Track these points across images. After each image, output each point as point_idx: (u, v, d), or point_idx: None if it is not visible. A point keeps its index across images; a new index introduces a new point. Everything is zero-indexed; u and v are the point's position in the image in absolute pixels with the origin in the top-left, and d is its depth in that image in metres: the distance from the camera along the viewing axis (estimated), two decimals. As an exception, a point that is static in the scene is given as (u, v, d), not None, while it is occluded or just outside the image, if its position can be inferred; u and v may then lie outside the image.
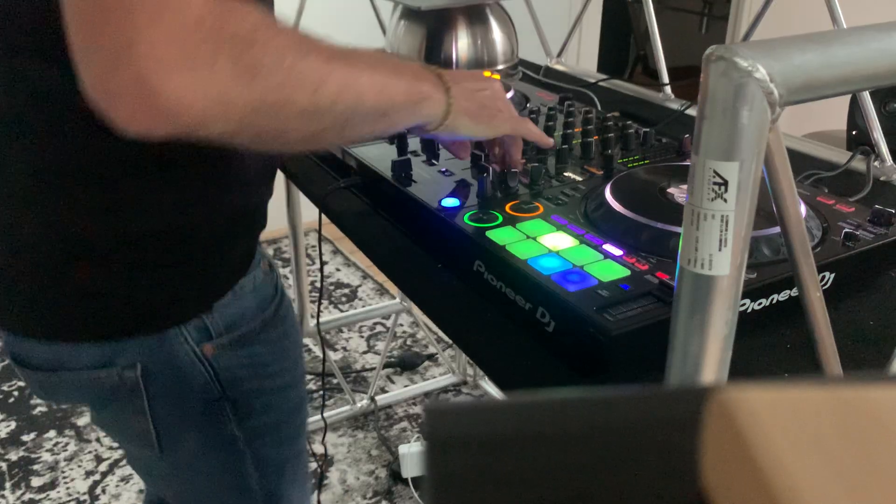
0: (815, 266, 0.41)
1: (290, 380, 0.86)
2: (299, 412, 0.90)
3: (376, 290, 2.62)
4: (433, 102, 0.70)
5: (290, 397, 0.86)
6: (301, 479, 0.94)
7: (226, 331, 0.75)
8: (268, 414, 0.83)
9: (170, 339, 0.72)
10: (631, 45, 4.21)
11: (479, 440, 0.20)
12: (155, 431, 0.77)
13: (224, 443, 0.80)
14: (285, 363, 0.84)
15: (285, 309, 0.83)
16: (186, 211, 0.68)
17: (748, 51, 0.33)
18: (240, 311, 0.76)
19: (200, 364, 0.74)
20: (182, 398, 0.76)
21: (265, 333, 0.79)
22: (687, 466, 0.19)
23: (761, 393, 0.18)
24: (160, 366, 0.73)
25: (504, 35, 1.29)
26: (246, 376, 0.78)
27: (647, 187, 0.77)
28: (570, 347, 0.60)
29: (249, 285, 0.76)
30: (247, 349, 0.77)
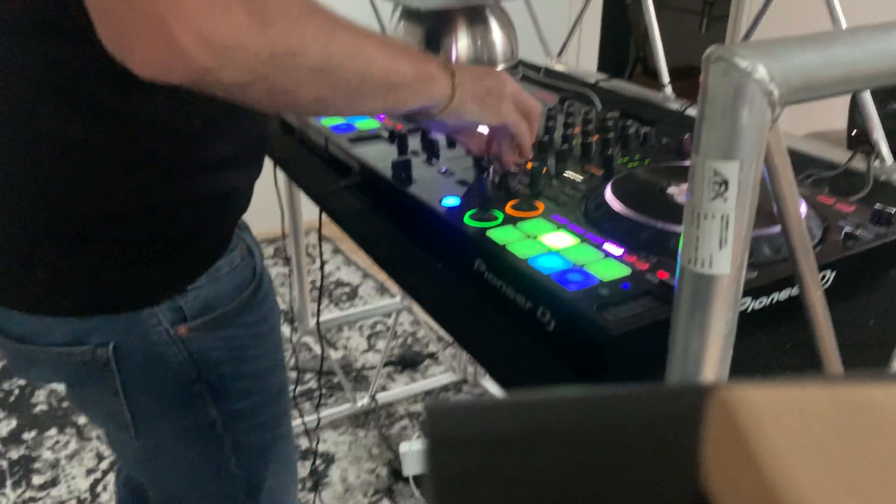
0: (815, 265, 0.41)
1: (269, 364, 0.85)
2: (280, 398, 0.89)
3: (377, 288, 2.63)
4: (440, 84, 0.70)
5: (270, 382, 0.86)
6: (285, 465, 0.94)
7: (200, 313, 0.74)
8: (247, 398, 0.83)
9: (143, 319, 0.72)
10: (631, 45, 4.20)
11: (479, 438, 0.20)
12: (129, 413, 0.77)
13: (202, 426, 0.80)
14: (264, 347, 0.84)
15: (264, 294, 0.83)
16: (161, 191, 0.68)
17: (748, 51, 0.33)
18: (215, 294, 0.75)
19: (174, 345, 0.74)
20: (156, 379, 0.75)
21: (242, 317, 0.79)
22: (688, 465, 0.19)
23: (762, 392, 0.18)
24: (133, 346, 0.73)
25: (504, 35, 1.29)
26: (223, 359, 0.78)
27: (647, 187, 0.77)
28: (571, 346, 0.60)
29: (225, 268, 0.76)
30: (223, 331, 0.77)
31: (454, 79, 0.72)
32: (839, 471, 0.16)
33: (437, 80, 0.70)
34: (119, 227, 0.68)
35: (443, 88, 0.71)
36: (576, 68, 1.54)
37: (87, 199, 0.66)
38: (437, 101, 0.71)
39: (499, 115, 0.77)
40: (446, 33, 1.24)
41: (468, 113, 0.74)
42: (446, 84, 0.71)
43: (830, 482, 0.16)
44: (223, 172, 0.73)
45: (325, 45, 0.58)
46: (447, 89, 0.71)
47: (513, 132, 0.80)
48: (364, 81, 0.62)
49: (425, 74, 0.69)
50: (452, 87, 0.71)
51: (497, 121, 0.78)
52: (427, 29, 1.24)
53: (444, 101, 0.71)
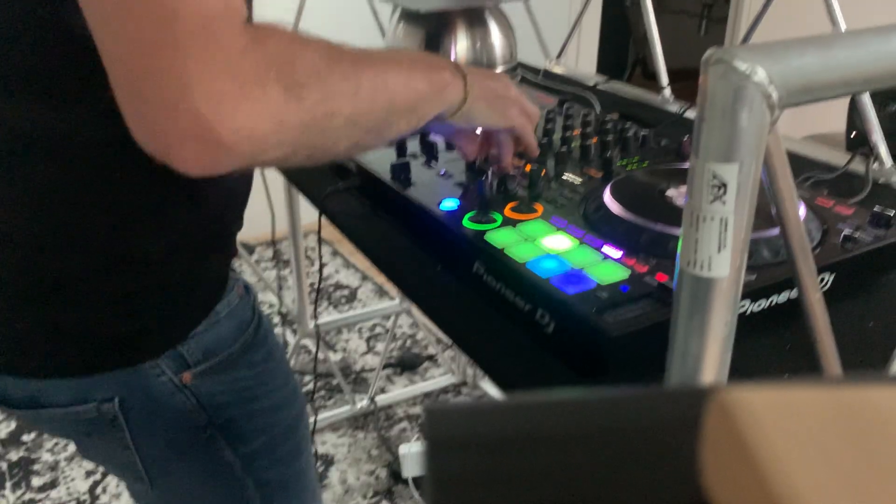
0: (814, 268, 0.41)
1: (281, 400, 0.84)
2: (295, 431, 0.88)
3: (376, 291, 2.62)
4: (454, 88, 0.70)
5: (283, 417, 0.85)
6: (310, 495, 0.92)
7: (203, 358, 0.73)
8: (261, 437, 0.81)
9: (146, 371, 0.70)
10: (630, 47, 4.21)
11: (479, 440, 0.20)
12: (142, 464, 0.75)
13: (220, 470, 0.79)
14: (272, 384, 0.83)
15: (265, 330, 0.82)
16: (156, 240, 0.67)
17: (747, 53, 0.33)
18: (216, 337, 0.74)
19: (180, 393, 0.73)
20: (166, 428, 0.74)
21: (247, 357, 0.78)
22: (687, 467, 0.19)
23: (761, 393, 0.18)
24: (139, 398, 0.71)
25: (503, 37, 1.29)
26: (231, 401, 0.77)
27: (646, 189, 0.77)
28: (570, 349, 0.60)
29: (224, 310, 0.75)
30: (229, 374, 0.76)
31: (466, 81, 0.72)
32: (838, 472, 0.16)
33: (451, 86, 0.70)
34: (111, 279, 0.66)
35: (456, 93, 0.71)
36: (575, 70, 1.54)
37: (75, 252, 0.64)
38: (451, 106, 0.71)
39: (507, 118, 0.77)
40: (445, 35, 1.24)
41: (478, 115, 0.74)
42: (459, 88, 0.71)
43: (829, 484, 0.16)
44: (222, 216, 0.73)
45: (354, 96, 0.57)
46: (460, 93, 0.71)
47: (519, 133, 0.80)
48: (391, 113, 0.63)
49: (440, 84, 0.69)
50: (465, 90, 0.72)
51: (505, 123, 0.78)
52: (426, 31, 1.24)
53: (458, 104, 0.72)
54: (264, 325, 0.82)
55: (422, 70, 0.67)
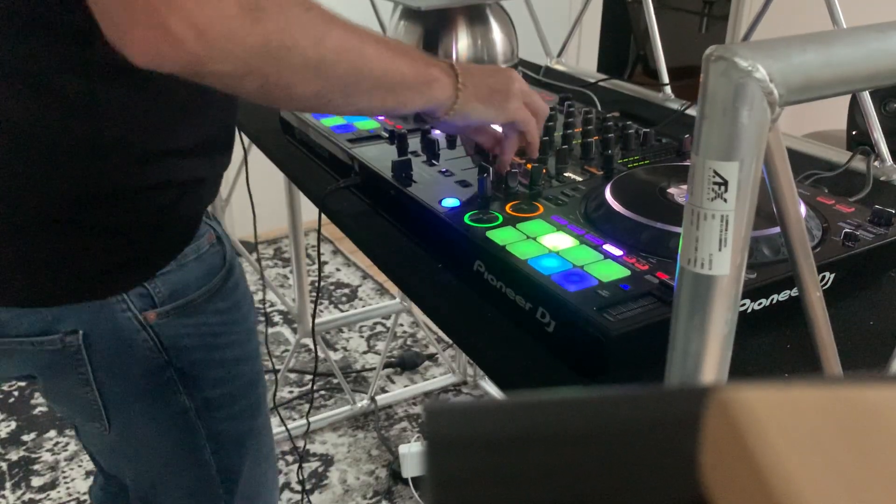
0: (814, 266, 0.41)
1: (242, 353, 0.85)
2: (255, 387, 0.89)
3: (376, 290, 2.62)
4: (442, 85, 0.71)
5: (244, 371, 0.86)
6: (263, 456, 0.94)
7: (169, 298, 0.75)
8: (220, 386, 0.83)
9: (111, 306, 0.72)
10: (631, 45, 4.21)
11: (479, 440, 0.20)
12: (101, 402, 0.77)
13: (174, 414, 0.80)
14: (236, 335, 0.84)
15: (235, 281, 0.83)
16: (126, 178, 0.68)
17: (748, 51, 0.33)
18: (183, 280, 0.76)
19: (144, 331, 0.74)
20: (127, 367, 0.76)
21: (212, 304, 0.79)
22: (687, 466, 0.19)
23: (761, 393, 0.18)
24: (103, 333, 0.73)
25: (504, 35, 1.29)
26: (193, 345, 0.78)
27: (647, 187, 0.77)
28: (571, 347, 0.60)
29: (193, 254, 0.76)
30: (193, 318, 0.78)
31: (458, 80, 0.72)
32: (838, 472, 0.16)
33: (438, 82, 0.70)
34: (84, 213, 0.68)
35: (445, 90, 0.71)
36: (576, 68, 1.54)
37: (51, 187, 0.66)
38: (440, 103, 0.72)
39: (506, 113, 0.77)
40: (446, 33, 1.24)
41: (474, 113, 0.74)
42: (449, 86, 0.71)
43: (829, 483, 0.16)
44: (189, 160, 0.73)
45: (319, 41, 0.59)
46: (450, 91, 0.71)
47: (522, 129, 0.79)
48: (361, 78, 0.63)
49: (426, 76, 0.69)
50: (456, 88, 0.72)
51: (504, 118, 0.77)
52: (427, 28, 1.24)
53: (448, 102, 0.72)
54: (234, 276, 0.83)
55: (409, 58, 0.68)
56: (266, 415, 0.94)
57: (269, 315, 2.45)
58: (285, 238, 2.90)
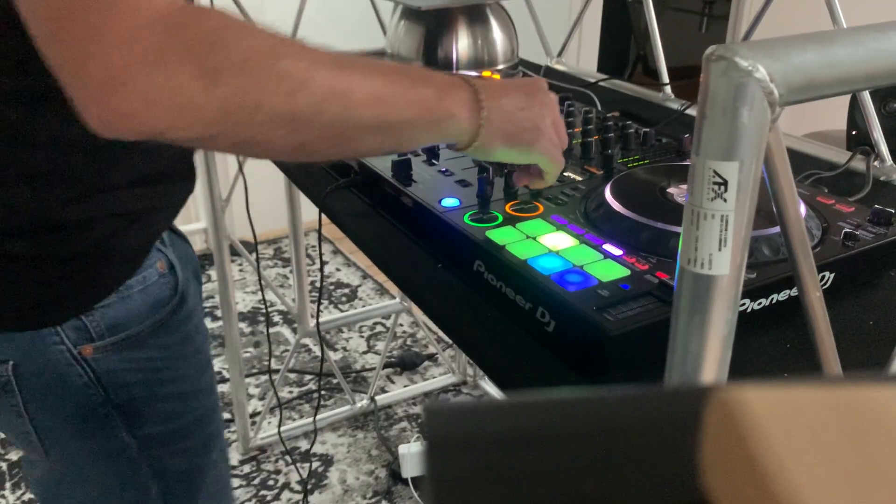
0: (814, 266, 0.41)
1: (192, 388, 0.81)
2: (208, 422, 0.85)
3: (376, 290, 2.62)
4: (458, 122, 0.62)
5: (194, 407, 0.82)
6: (218, 492, 0.90)
7: (108, 332, 0.71)
8: (166, 423, 0.79)
9: (43, 337, 0.69)
10: (631, 44, 4.21)
11: (478, 440, 0.20)
12: (35, 433, 0.73)
13: (114, 451, 0.77)
14: (184, 370, 0.80)
15: (186, 313, 0.78)
16: (66, 209, 0.65)
17: (748, 50, 0.33)
18: (125, 313, 0.72)
19: (79, 366, 0.70)
20: (60, 400, 0.72)
21: (158, 338, 0.75)
22: (687, 466, 0.19)
23: (761, 393, 0.18)
24: (34, 365, 0.69)
25: (504, 35, 1.29)
26: (134, 381, 0.74)
27: (647, 187, 0.77)
28: (570, 347, 0.60)
29: (138, 286, 0.72)
30: (135, 352, 0.73)
31: (480, 116, 0.63)
32: (838, 472, 0.16)
33: (453, 119, 0.62)
34: (18, 244, 0.65)
35: (462, 126, 0.63)
36: (576, 68, 1.54)
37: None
38: (456, 139, 0.64)
39: (531, 156, 0.69)
40: (446, 32, 1.24)
41: (496, 152, 0.66)
42: (467, 121, 0.62)
43: (829, 483, 0.16)
44: (139, 190, 0.69)
45: (292, 93, 0.52)
46: (468, 126, 0.63)
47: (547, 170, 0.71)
48: (348, 125, 0.56)
49: (437, 113, 0.61)
50: (477, 124, 0.63)
51: (528, 161, 0.70)
52: (427, 28, 1.24)
53: (466, 138, 0.64)
54: (187, 307, 0.78)
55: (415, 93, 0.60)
56: (222, 448, 0.90)
57: (269, 315, 2.45)
58: (285, 238, 2.90)
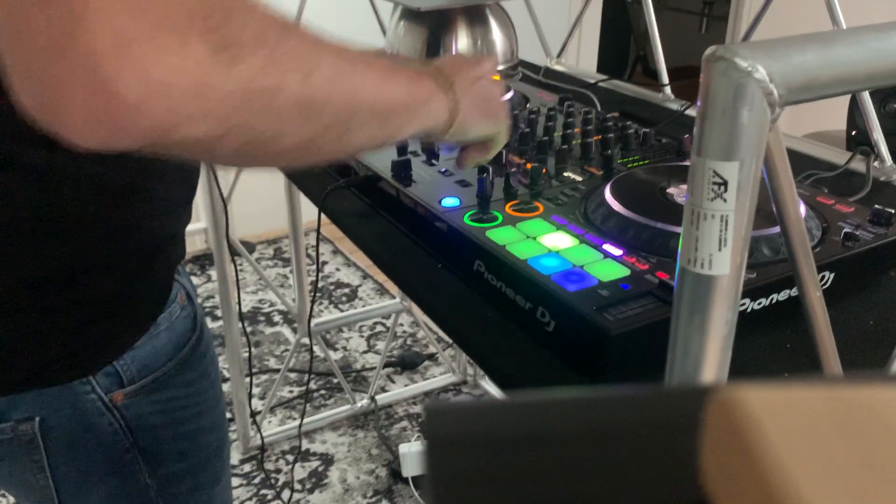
0: (814, 266, 0.41)
1: (209, 422, 0.78)
2: (219, 456, 0.82)
3: (376, 289, 2.62)
4: (440, 101, 0.60)
5: (209, 441, 0.79)
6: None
7: (138, 375, 0.67)
8: (184, 460, 0.76)
9: (74, 388, 0.64)
10: (631, 45, 4.21)
11: (478, 440, 0.20)
12: (55, 487, 0.69)
13: (134, 494, 0.73)
14: (204, 405, 0.77)
15: (205, 345, 0.75)
16: (93, 251, 0.60)
17: (748, 51, 0.33)
18: (153, 352, 0.68)
19: (110, 414, 0.66)
20: (87, 451, 0.68)
21: (182, 375, 0.72)
22: (687, 466, 0.19)
23: (761, 393, 0.18)
24: (62, 418, 0.65)
25: (504, 35, 1.29)
26: (160, 423, 0.71)
27: (647, 187, 0.77)
28: (570, 347, 0.60)
29: (164, 322, 0.68)
30: (162, 393, 0.70)
31: (455, 92, 0.61)
32: (838, 472, 0.16)
33: (434, 98, 0.60)
34: (46, 295, 0.60)
35: (441, 105, 0.60)
36: (576, 68, 1.54)
37: (7, 267, 0.58)
38: (437, 121, 0.61)
39: (497, 125, 0.69)
40: (446, 33, 1.24)
41: (473, 128, 0.65)
42: (446, 101, 0.61)
43: (830, 483, 0.16)
44: (161, 221, 0.66)
45: (309, 75, 0.45)
46: (447, 106, 0.61)
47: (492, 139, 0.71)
48: (355, 113, 0.50)
49: (421, 93, 0.58)
50: (455, 102, 0.61)
51: (494, 131, 0.69)
52: (427, 29, 1.24)
53: (446, 119, 0.61)
54: (205, 339, 0.75)
55: (398, 79, 0.56)
56: (227, 477, 0.87)
57: (269, 315, 2.45)
58: (285, 238, 2.90)
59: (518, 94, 1.16)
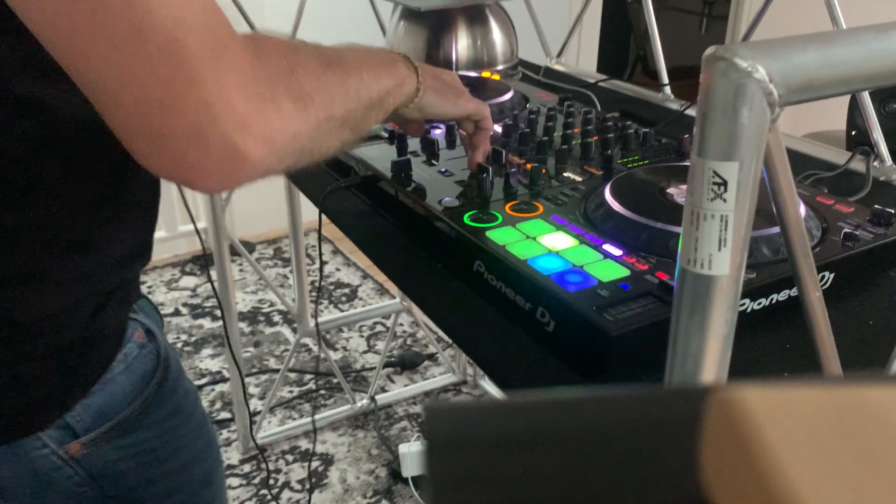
0: (814, 266, 0.41)
1: (191, 455, 0.76)
2: (209, 484, 0.80)
3: (376, 289, 2.62)
4: (410, 81, 0.71)
5: (194, 474, 0.77)
6: None
7: (94, 424, 0.64)
8: (171, 497, 0.74)
9: (24, 445, 0.61)
10: (631, 45, 4.21)
11: (478, 440, 0.20)
12: None
13: None
14: (181, 440, 0.74)
15: (173, 380, 0.72)
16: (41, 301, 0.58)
17: (748, 51, 0.33)
18: (110, 398, 0.64)
19: (68, 467, 0.64)
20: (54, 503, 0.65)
21: (149, 416, 0.68)
22: (687, 466, 0.19)
23: (761, 393, 0.18)
24: (19, 474, 0.62)
25: (504, 35, 1.29)
26: (129, 468, 0.68)
27: (646, 187, 0.77)
28: (570, 347, 0.60)
29: (119, 366, 0.65)
30: (127, 438, 0.67)
31: (418, 73, 0.72)
32: (838, 472, 0.16)
33: (407, 78, 0.70)
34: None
35: (411, 85, 0.71)
36: (576, 68, 1.54)
37: None
38: (407, 99, 0.71)
39: (459, 107, 0.78)
40: (446, 33, 1.24)
41: (430, 107, 0.74)
42: (413, 80, 0.71)
43: (830, 483, 0.16)
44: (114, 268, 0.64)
45: (346, 97, 0.58)
46: (414, 84, 0.71)
47: (478, 118, 0.81)
48: (368, 110, 0.63)
49: (400, 77, 0.69)
50: (418, 81, 0.72)
51: (457, 112, 0.78)
52: (427, 29, 1.24)
53: (410, 97, 0.72)
54: (172, 374, 0.72)
55: (384, 65, 0.67)
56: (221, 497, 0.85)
57: (269, 315, 2.45)
58: (285, 238, 2.90)
59: (518, 94, 1.16)
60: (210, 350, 2.28)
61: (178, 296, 2.56)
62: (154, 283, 2.64)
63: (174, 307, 2.50)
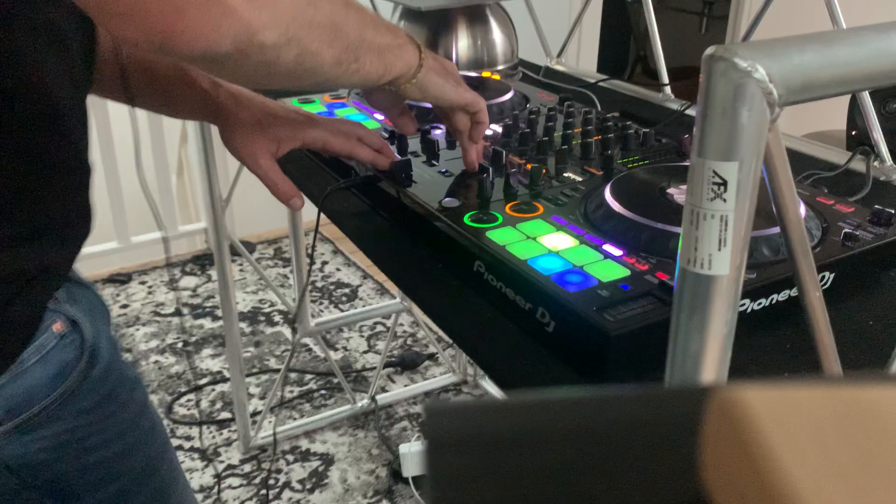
0: (814, 266, 0.41)
1: (128, 444, 0.74)
2: (155, 473, 0.78)
3: (376, 289, 2.62)
4: (411, 52, 0.71)
5: (135, 462, 0.75)
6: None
7: (7, 416, 0.62)
8: (105, 487, 0.72)
9: None
10: (631, 45, 4.20)
11: (479, 440, 0.20)
12: None
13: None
14: (114, 429, 0.72)
15: (103, 369, 0.69)
16: None
17: (748, 51, 0.33)
18: (23, 390, 0.63)
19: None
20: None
21: (73, 405, 0.66)
22: (687, 466, 0.19)
23: (761, 392, 0.18)
24: None
25: (504, 35, 1.29)
26: (54, 458, 0.67)
27: (646, 187, 0.77)
28: (570, 347, 0.60)
29: (33, 357, 0.63)
30: (48, 428, 0.65)
31: (421, 50, 0.72)
32: (838, 472, 0.16)
33: (410, 45, 0.71)
34: None
35: (413, 56, 0.71)
36: (576, 68, 1.54)
37: None
38: (405, 70, 0.71)
39: (458, 93, 0.77)
40: (446, 33, 1.24)
41: (432, 86, 0.74)
42: (415, 53, 0.71)
43: (829, 483, 0.16)
44: (32, 246, 0.61)
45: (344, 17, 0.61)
46: (415, 59, 0.71)
47: (474, 110, 0.80)
48: (361, 42, 0.64)
49: (399, 39, 0.69)
50: (420, 57, 0.71)
51: (457, 98, 0.77)
52: (427, 29, 1.24)
53: (411, 71, 0.71)
54: (101, 364, 0.69)
55: (388, 28, 0.69)
56: (184, 487, 0.84)
57: (269, 315, 2.45)
58: (285, 238, 2.90)
59: (518, 94, 1.16)
60: (210, 350, 2.28)
61: (179, 296, 2.57)
62: (154, 283, 2.64)
63: (174, 307, 2.50)
